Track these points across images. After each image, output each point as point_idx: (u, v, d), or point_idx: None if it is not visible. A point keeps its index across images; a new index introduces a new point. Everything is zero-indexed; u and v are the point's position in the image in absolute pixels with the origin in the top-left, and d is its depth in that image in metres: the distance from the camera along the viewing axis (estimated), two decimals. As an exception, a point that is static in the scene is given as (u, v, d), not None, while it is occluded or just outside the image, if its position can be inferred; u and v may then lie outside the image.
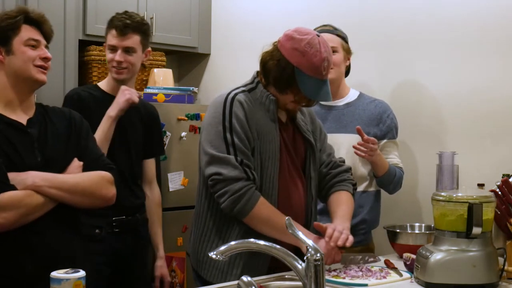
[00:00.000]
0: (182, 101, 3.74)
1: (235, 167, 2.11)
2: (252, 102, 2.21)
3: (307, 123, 2.38)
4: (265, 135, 2.19)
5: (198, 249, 2.28)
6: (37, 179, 1.96)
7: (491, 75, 2.83)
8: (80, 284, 1.62)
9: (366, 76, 3.20)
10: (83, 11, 3.68)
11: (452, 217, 2.01)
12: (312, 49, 2.14)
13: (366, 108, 2.79)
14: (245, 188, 2.11)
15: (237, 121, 2.14)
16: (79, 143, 2.14)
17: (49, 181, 1.98)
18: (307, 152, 2.34)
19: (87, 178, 2.07)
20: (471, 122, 2.90)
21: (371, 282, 2.08)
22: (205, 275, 2.24)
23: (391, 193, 2.83)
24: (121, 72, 2.73)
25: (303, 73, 2.15)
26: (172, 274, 3.35)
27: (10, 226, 1.90)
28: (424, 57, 3.07)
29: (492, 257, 2.00)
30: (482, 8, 2.86)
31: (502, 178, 2.21)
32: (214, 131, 2.16)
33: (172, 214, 3.54)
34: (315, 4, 3.57)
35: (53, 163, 2.03)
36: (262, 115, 2.21)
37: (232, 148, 2.13)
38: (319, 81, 2.17)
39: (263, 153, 2.19)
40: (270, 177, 2.19)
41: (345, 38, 2.81)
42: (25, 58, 2.04)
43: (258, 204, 2.12)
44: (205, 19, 4.26)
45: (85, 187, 2.05)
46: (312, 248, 1.60)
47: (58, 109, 2.21)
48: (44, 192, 1.96)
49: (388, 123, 2.77)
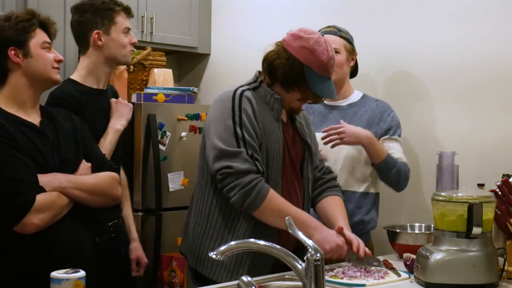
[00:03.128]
0: (182, 101, 3.74)
1: (245, 160, 2.12)
2: (257, 100, 2.24)
3: (304, 125, 2.41)
4: (270, 134, 2.21)
5: (199, 248, 2.26)
6: (63, 181, 2.04)
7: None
8: (80, 284, 1.62)
9: (367, 76, 3.21)
10: (83, 11, 3.68)
11: (452, 217, 2.01)
12: (320, 47, 2.20)
13: (368, 109, 2.80)
14: (255, 181, 2.12)
15: (246, 116, 2.16)
16: (85, 144, 2.21)
17: (72, 182, 2.06)
18: (305, 154, 2.36)
19: (102, 179, 2.16)
20: (471, 122, 2.90)
21: (369, 282, 2.07)
22: (208, 273, 2.23)
23: (397, 189, 2.79)
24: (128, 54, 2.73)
25: (312, 70, 2.20)
26: (172, 274, 3.36)
27: (43, 227, 1.97)
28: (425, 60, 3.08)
29: (492, 257, 2.00)
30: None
31: (502, 178, 2.21)
32: (224, 125, 2.16)
33: (172, 214, 3.54)
34: (316, 4, 3.58)
35: (67, 165, 2.10)
36: (267, 114, 2.23)
37: (242, 142, 2.14)
38: (326, 79, 2.23)
39: (269, 151, 2.21)
40: (274, 175, 2.21)
41: (349, 39, 2.81)
42: (45, 61, 2.13)
43: (268, 196, 2.13)
44: (205, 19, 4.26)
45: (102, 187, 2.15)
46: (312, 248, 1.61)
47: (59, 111, 2.26)
48: (68, 193, 2.04)
49: (389, 121, 2.77)
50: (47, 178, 2.01)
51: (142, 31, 3.88)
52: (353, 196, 2.72)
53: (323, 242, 2.12)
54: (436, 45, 3.03)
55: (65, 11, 3.57)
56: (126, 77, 3.67)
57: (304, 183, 2.34)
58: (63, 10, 3.57)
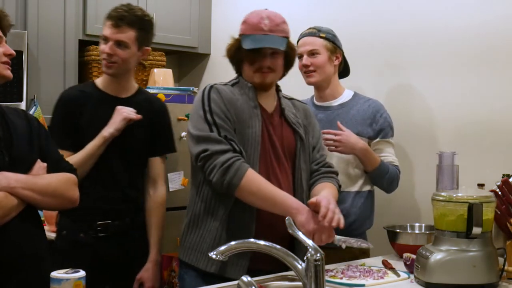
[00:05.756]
0: (182, 101, 3.74)
1: (219, 142, 2.17)
2: (233, 92, 2.30)
3: (299, 117, 2.41)
4: (245, 121, 2.25)
5: (185, 237, 2.31)
6: (11, 180, 1.90)
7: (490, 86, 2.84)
8: (80, 284, 1.62)
9: (362, 79, 3.21)
10: (83, 11, 3.68)
11: (452, 217, 2.01)
12: (251, 14, 2.33)
13: (360, 108, 2.79)
14: (232, 159, 2.14)
15: (215, 104, 2.23)
16: (41, 144, 2.07)
17: (22, 182, 1.92)
18: (297, 144, 2.35)
19: (56, 179, 2.02)
20: (471, 122, 2.90)
21: (369, 282, 2.08)
22: (189, 259, 2.26)
23: (388, 192, 2.82)
24: (110, 66, 2.59)
25: (245, 35, 2.30)
26: (172, 274, 3.35)
27: None
28: (421, 63, 3.10)
29: (492, 257, 2.00)
30: (477, 18, 2.89)
31: (502, 178, 2.21)
32: (196, 116, 2.25)
33: (172, 214, 3.53)
34: (314, 6, 3.58)
35: (19, 164, 1.97)
36: (243, 102, 2.28)
37: (214, 127, 2.19)
38: (261, 36, 2.27)
39: (244, 137, 2.23)
40: (250, 162, 2.21)
41: (330, 38, 2.78)
42: None
43: (247, 174, 2.14)
44: (205, 19, 4.26)
45: (55, 188, 2.01)
46: (312, 248, 1.61)
47: (13, 109, 2.12)
48: (17, 194, 1.91)
49: (381, 122, 2.77)
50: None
51: (142, 31, 3.89)
52: (348, 196, 2.72)
53: (306, 223, 2.11)
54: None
55: (65, 11, 3.58)
56: (126, 77, 3.67)
57: (296, 174, 2.34)
58: (63, 10, 3.57)
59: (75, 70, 3.62)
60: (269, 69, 2.29)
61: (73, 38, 3.62)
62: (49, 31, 3.54)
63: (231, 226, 2.20)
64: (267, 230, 2.16)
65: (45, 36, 3.52)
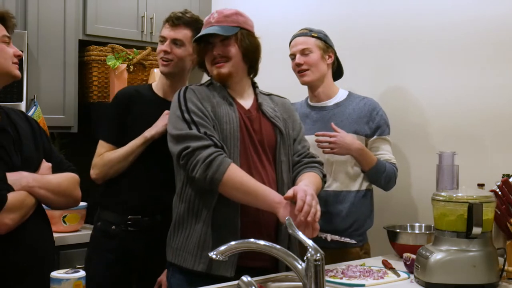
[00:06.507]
0: (182, 101, 3.73)
1: (200, 138, 2.17)
2: (207, 91, 2.32)
3: (277, 110, 2.41)
4: (222, 117, 2.26)
5: (171, 239, 2.31)
6: (29, 179, 1.96)
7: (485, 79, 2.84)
8: (80, 284, 1.62)
9: (357, 79, 3.21)
10: (83, 11, 3.68)
11: (452, 217, 2.02)
12: (207, 16, 2.38)
13: (356, 107, 2.78)
14: (214, 154, 2.14)
15: (191, 103, 2.25)
16: (44, 144, 2.12)
17: (38, 181, 1.98)
18: (276, 138, 2.35)
19: (65, 179, 2.09)
20: (471, 122, 2.90)
21: (369, 282, 2.08)
22: (176, 260, 2.25)
23: (385, 189, 2.81)
24: (166, 64, 2.67)
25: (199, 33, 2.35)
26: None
27: (14, 227, 1.90)
28: (416, 60, 3.09)
29: (492, 257, 2.00)
30: (472, 16, 2.88)
31: (502, 178, 2.21)
32: (174, 117, 2.26)
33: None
34: (312, 7, 3.58)
35: (30, 163, 2.02)
36: (219, 100, 2.29)
37: (193, 124, 2.20)
38: (207, 28, 2.32)
39: (222, 133, 2.24)
40: (231, 157, 2.21)
41: (321, 37, 2.79)
42: (6, 56, 2.04)
43: (229, 169, 2.14)
44: (205, 19, 4.26)
45: (65, 187, 2.08)
46: (312, 248, 1.61)
47: (14, 110, 2.17)
48: (35, 193, 1.97)
49: (377, 120, 2.77)
50: (14, 177, 1.94)
51: (142, 31, 3.89)
52: (348, 195, 2.72)
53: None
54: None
55: (65, 11, 3.57)
56: (126, 77, 3.67)
57: (277, 167, 2.33)
58: (63, 10, 3.57)
59: (75, 70, 3.62)
60: (222, 57, 2.31)
61: (73, 38, 3.62)
62: (49, 31, 3.53)
63: (216, 222, 2.19)
64: (252, 225, 2.17)
65: (45, 36, 3.52)
